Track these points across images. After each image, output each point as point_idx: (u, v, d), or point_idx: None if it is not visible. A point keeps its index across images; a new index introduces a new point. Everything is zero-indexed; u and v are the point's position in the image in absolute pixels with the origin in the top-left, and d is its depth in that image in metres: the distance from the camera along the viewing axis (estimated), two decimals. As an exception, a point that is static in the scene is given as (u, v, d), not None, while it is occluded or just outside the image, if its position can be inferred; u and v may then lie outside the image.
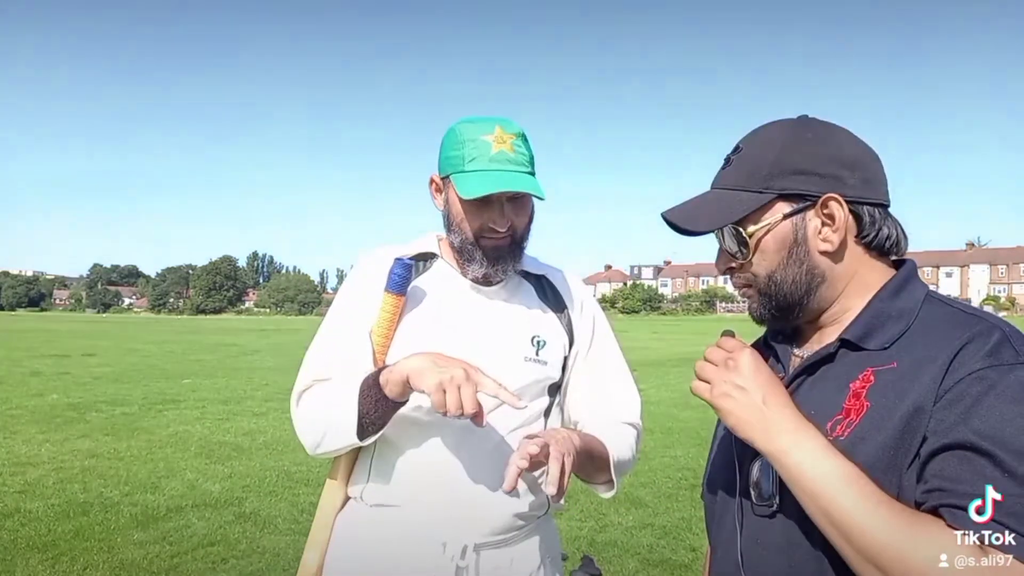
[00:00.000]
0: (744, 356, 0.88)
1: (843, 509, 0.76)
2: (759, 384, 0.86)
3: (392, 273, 1.33)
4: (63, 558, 3.84)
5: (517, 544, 1.36)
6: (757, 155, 0.92)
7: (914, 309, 0.87)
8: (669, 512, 4.74)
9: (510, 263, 1.37)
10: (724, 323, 21.31)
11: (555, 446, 1.15)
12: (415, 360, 1.19)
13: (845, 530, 0.76)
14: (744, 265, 0.94)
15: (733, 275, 0.97)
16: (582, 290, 1.52)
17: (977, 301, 73.98)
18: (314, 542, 1.40)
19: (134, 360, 16.39)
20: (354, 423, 1.24)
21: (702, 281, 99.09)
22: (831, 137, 0.92)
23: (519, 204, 1.34)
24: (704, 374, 0.90)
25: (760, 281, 0.93)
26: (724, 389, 0.87)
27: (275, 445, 6.71)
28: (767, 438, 0.83)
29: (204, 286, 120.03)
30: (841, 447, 0.81)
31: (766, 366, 0.89)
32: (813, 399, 0.88)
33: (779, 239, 0.91)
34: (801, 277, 0.91)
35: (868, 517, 0.75)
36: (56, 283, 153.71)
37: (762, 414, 0.84)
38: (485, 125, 1.32)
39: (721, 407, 0.87)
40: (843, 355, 0.88)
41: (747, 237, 0.91)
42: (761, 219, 0.91)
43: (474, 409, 1.13)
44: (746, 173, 0.92)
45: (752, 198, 0.91)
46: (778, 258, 0.91)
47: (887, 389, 0.81)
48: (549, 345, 1.40)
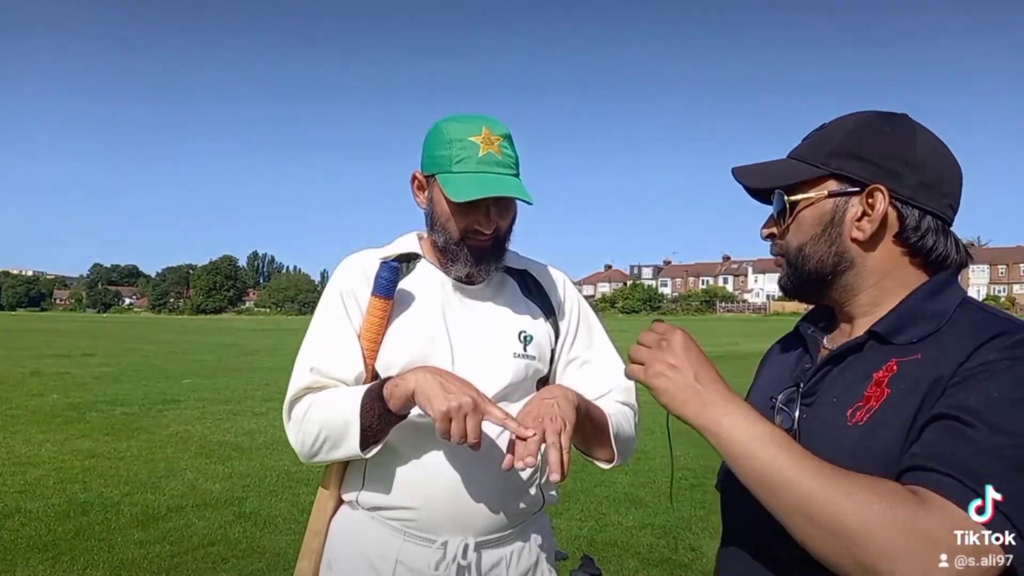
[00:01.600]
0: (676, 337, 0.91)
1: (771, 466, 0.78)
2: (690, 362, 0.88)
3: (379, 277, 1.32)
4: (63, 558, 3.84)
5: (515, 541, 1.37)
6: (830, 133, 0.94)
7: (948, 311, 0.87)
8: (669, 512, 4.74)
9: (493, 263, 1.37)
10: (724, 323, 21.21)
11: (550, 427, 1.15)
12: (423, 377, 1.18)
13: (774, 486, 0.78)
14: (782, 233, 0.96)
15: (773, 243, 0.99)
16: (564, 282, 1.53)
17: (977, 301, 73.72)
18: (308, 550, 1.40)
19: (134, 360, 16.38)
20: (357, 436, 1.23)
21: (702, 281, 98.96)
22: (910, 137, 0.91)
23: (504, 206, 1.34)
24: (638, 356, 0.93)
25: (791, 252, 0.96)
26: (657, 369, 0.89)
27: (275, 445, 6.70)
28: (699, 411, 0.85)
29: (204, 286, 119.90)
30: (859, 433, 0.82)
31: (697, 346, 0.92)
32: (837, 387, 0.89)
33: (817, 215, 0.92)
34: (828, 258, 0.92)
35: (795, 470, 0.77)
36: (56, 283, 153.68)
37: (694, 390, 0.86)
38: (472, 125, 1.31)
39: (655, 386, 0.89)
40: (871, 347, 0.89)
41: (788, 204, 0.94)
42: (809, 191, 0.93)
43: (476, 439, 1.14)
44: (813, 147, 0.94)
45: (807, 170, 0.93)
46: (811, 233, 0.93)
47: (908, 378, 0.82)
48: (536, 339, 1.41)
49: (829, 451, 0.84)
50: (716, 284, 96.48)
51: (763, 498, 0.80)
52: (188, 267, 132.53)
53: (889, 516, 0.71)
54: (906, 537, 0.70)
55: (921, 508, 0.72)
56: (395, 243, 1.47)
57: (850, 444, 0.83)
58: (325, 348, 1.35)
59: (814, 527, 0.75)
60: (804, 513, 0.75)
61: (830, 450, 0.84)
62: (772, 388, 1.00)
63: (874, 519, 0.71)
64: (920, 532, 0.70)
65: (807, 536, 0.76)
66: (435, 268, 1.42)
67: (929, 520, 0.71)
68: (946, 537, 0.70)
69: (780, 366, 1.05)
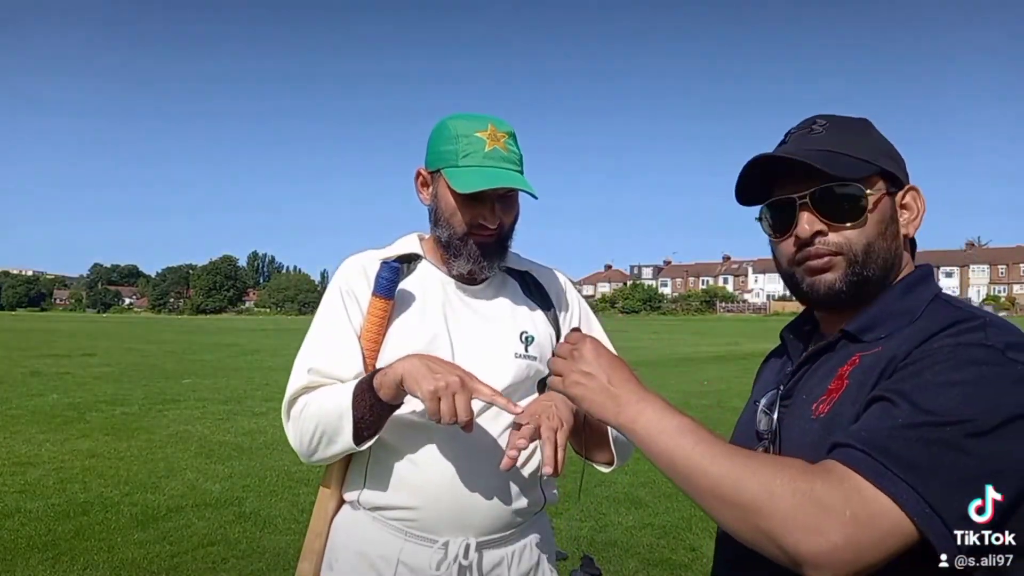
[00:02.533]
0: (586, 345, 0.95)
1: (684, 454, 0.81)
2: (602, 367, 0.92)
3: (380, 277, 1.33)
4: (63, 558, 3.84)
5: (516, 541, 1.37)
6: (853, 130, 0.94)
7: (919, 308, 0.88)
8: (669, 512, 4.74)
9: (496, 260, 1.38)
10: (724, 323, 21.20)
11: (545, 423, 1.17)
12: (409, 363, 1.18)
13: (689, 472, 0.80)
14: (841, 229, 0.91)
15: (815, 240, 0.91)
16: (565, 284, 1.54)
17: (977, 301, 73.90)
18: (309, 551, 1.40)
19: (134, 360, 16.38)
20: (350, 429, 1.23)
21: (702, 281, 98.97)
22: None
23: (508, 203, 1.35)
24: (556, 368, 0.97)
25: (855, 249, 0.90)
26: (573, 378, 0.93)
27: (275, 445, 6.70)
28: (616, 412, 0.89)
29: (204, 286, 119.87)
30: (819, 424, 0.85)
31: (607, 350, 0.96)
32: (807, 385, 0.92)
33: (883, 211, 0.92)
34: (890, 254, 0.93)
35: (704, 456, 0.80)
36: (56, 283, 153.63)
37: (609, 393, 0.90)
38: (477, 122, 1.33)
39: (574, 395, 0.93)
40: (843, 345, 0.91)
41: (867, 199, 0.90)
42: (871, 187, 0.91)
43: (468, 417, 1.14)
44: (849, 142, 0.93)
45: (863, 165, 0.91)
46: (879, 229, 0.92)
47: (866, 368, 0.84)
48: (537, 340, 1.41)
49: (799, 445, 0.86)
50: (716, 284, 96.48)
51: (680, 485, 0.82)
52: (188, 267, 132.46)
53: (790, 488, 0.73)
54: (804, 506, 0.72)
55: (822, 478, 0.74)
56: (396, 244, 1.47)
57: (813, 436, 0.85)
58: (324, 348, 1.35)
59: (725, 506, 0.77)
60: (715, 495, 0.78)
61: (799, 444, 0.86)
62: (758, 394, 1.03)
63: (776, 492, 0.74)
64: (816, 500, 0.72)
65: (720, 516, 0.79)
66: (436, 268, 1.42)
67: (827, 489, 0.72)
68: (841, 504, 0.71)
69: (769, 372, 1.09)
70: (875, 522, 0.70)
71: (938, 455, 0.71)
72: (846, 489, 0.72)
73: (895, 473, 0.71)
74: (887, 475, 0.71)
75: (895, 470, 0.71)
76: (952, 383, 0.74)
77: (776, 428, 0.93)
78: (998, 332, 0.79)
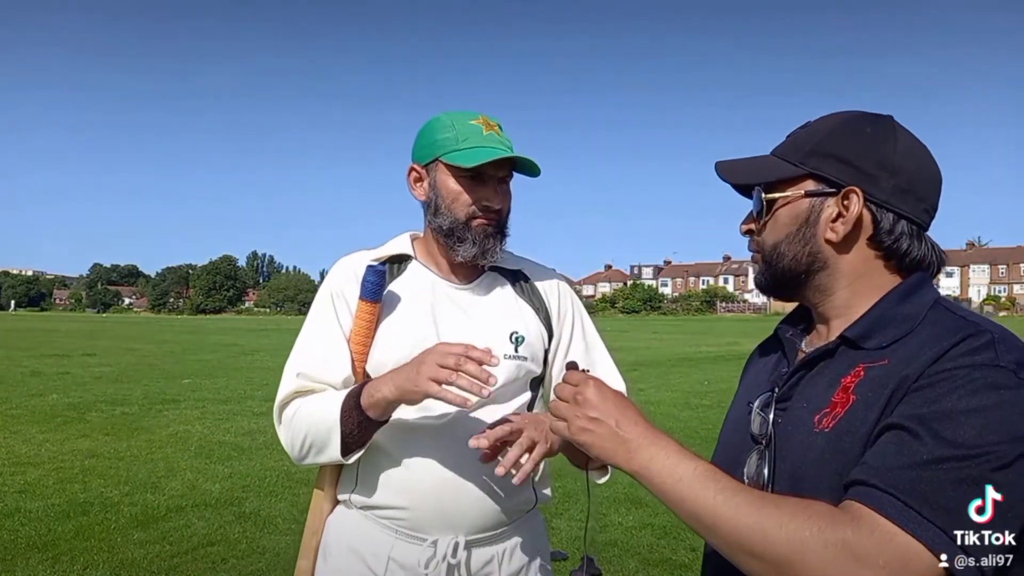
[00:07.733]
0: (589, 388, 0.91)
1: (706, 504, 0.79)
2: (609, 411, 0.89)
3: (365, 281, 1.33)
4: (63, 558, 3.84)
5: (506, 539, 1.38)
6: (811, 132, 0.95)
7: (919, 314, 0.87)
8: (669, 512, 4.65)
9: (497, 245, 1.38)
10: (724, 323, 21.18)
11: (527, 432, 1.18)
12: (396, 384, 1.18)
13: (712, 523, 0.78)
14: (759, 230, 0.97)
15: (751, 239, 1.00)
16: (558, 283, 1.52)
17: (977, 301, 74.00)
18: (307, 549, 1.42)
19: (134, 360, 16.38)
20: (338, 444, 1.25)
21: (702, 281, 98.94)
22: (890, 140, 0.90)
23: (506, 188, 1.38)
24: (559, 413, 0.93)
25: (766, 249, 0.96)
26: (580, 424, 0.90)
27: (275, 445, 6.66)
28: (628, 459, 0.86)
29: (204, 286, 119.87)
30: (824, 440, 0.83)
31: (611, 390, 0.93)
32: (807, 392, 0.90)
33: (793, 214, 0.93)
34: (802, 257, 0.93)
35: (725, 506, 0.78)
36: (56, 283, 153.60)
37: (619, 438, 0.87)
38: (469, 114, 1.37)
39: (583, 442, 0.90)
40: (843, 352, 0.89)
41: (766, 202, 0.94)
42: (787, 190, 0.93)
43: (483, 379, 1.11)
44: (794, 145, 0.95)
45: (785, 168, 0.94)
46: (786, 231, 0.93)
47: (874, 384, 0.82)
48: (528, 340, 1.41)
49: (798, 457, 0.85)
50: (716, 284, 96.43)
51: (702, 534, 0.80)
52: (188, 267, 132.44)
53: (820, 540, 0.72)
54: (837, 560, 0.71)
55: (852, 527, 0.72)
56: (388, 244, 1.47)
57: (816, 451, 0.83)
58: (313, 352, 1.36)
59: (755, 560, 0.76)
60: (743, 549, 0.76)
61: (799, 456, 0.85)
62: (750, 393, 1.01)
63: (807, 545, 0.72)
64: (849, 552, 0.71)
65: (749, 568, 0.77)
66: (426, 269, 1.42)
67: (859, 539, 0.71)
68: (874, 554, 0.70)
69: (760, 369, 1.06)
70: (909, 569, 0.70)
71: (967, 494, 0.71)
72: (877, 538, 0.71)
73: (925, 517, 0.71)
74: (917, 519, 0.71)
75: (924, 513, 0.71)
76: (972, 410, 0.74)
77: (771, 433, 0.91)
78: (1007, 350, 0.78)
